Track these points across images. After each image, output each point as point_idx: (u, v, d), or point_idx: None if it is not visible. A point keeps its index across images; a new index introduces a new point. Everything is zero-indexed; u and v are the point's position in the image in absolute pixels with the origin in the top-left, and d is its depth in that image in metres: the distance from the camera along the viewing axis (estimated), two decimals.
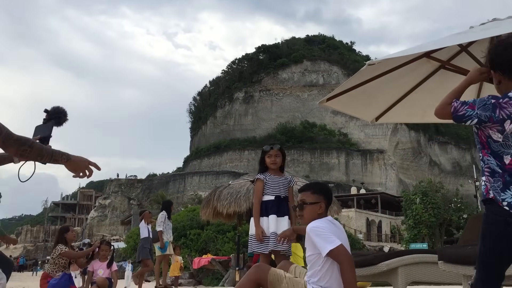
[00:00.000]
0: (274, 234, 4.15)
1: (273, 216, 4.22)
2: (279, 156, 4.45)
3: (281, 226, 4.17)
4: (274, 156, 4.43)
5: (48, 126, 2.45)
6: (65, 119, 2.51)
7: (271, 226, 4.19)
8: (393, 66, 4.21)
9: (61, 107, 2.52)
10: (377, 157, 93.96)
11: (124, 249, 28.95)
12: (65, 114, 2.50)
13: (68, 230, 7.01)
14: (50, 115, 2.48)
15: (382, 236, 49.44)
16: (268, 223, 4.22)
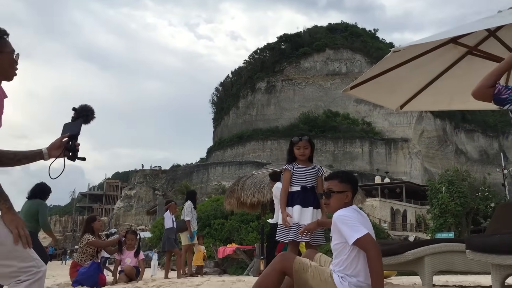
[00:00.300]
0: (296, 224, 4.19)
1: (297, 206, 4.25)
2: (308, 148, 4.44)
3: (304, 217, 4.21)
4: (303, 147, 4.42)
5: (76, 124, 2.48)
6: (92, 117, 2.53)
7: (295, 217, 4.23)
8: (418, 52, 4.14)
9: (89, 105, 2.54)
10: (401, 146, 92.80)
11: (149, 239, 29.39)
12: (92, 112, 2.52)
13: (95, 219, 7.16)
14: (78, 113, 2.50)
15: (407, 226, 48.94)
16: (292, 213, 4.24)
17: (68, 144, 2.43)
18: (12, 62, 2.31)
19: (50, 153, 2.44)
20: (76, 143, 2.45)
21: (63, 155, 2.44)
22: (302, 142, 4.42)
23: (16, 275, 2.09)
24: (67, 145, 2.43)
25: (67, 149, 2.43)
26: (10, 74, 2.32)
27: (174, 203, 9.66)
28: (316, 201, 4.27)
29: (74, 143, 2.43)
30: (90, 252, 6.81)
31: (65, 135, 2.45)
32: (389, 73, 4.26)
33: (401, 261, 4.06)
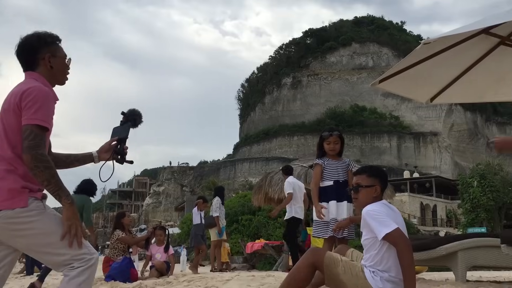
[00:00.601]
0: (334, 220, 4.17)
1: (333, 202, 4.23)
2: (338, 143, 4.42)
3: (340, 212, 4.19)
4: (333, 142, 4.39)
5: (125, 127, 2.55)
6: (140, 121, 2.60)
7: (332, 212, 4.20)
8: (449, 44, 4.06)
9: (137, 110, 2.61)
10: (430, 139, 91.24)
11: (178, 235, 29.70)
12: (140, 116, 2.60)
13: (124, 215, 7.30)
14: (127, 117, 2.57)
15: (438, 221, 48.12)
16: (328, 209, 4.22)
17: (117, 148, 2.52)
18: (64, 67, 2.41)
19: (100, 156, 2.57)
20: (124, 147, 2.54)
21: (112, 158, 2.53)
22: (332, 137, 4.39)
23: (69, 263, 2.18)
24: (116, 148, 2.52)
25: (116, 152, 2.52)
26: (63, 79, 2.43)
27: (201, 200, 9.75)
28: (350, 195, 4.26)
29: (123, 146, 2.52)
30: (121, 248, 6.95)
31: (114, 139, 2.54)
32: (418, 66, 4.19)
33: (434, 256, 4.01)
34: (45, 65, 2.34)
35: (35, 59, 2.33)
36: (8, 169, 2.17)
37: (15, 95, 2.20)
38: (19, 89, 2.22)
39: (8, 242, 2.19)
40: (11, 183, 2.15)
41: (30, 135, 2.10)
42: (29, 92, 2.17)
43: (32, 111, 2.13)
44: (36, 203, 2.18)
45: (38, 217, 2.15)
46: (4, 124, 2.22)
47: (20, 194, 2.15)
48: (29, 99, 2.14)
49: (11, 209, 2.11)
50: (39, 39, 2.34)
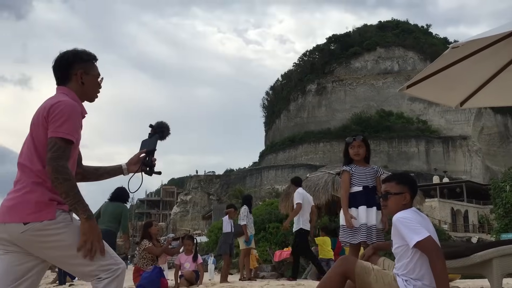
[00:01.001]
0: (364, 225, 4.14)
1: (362, 207, 4.20)
2: (362, 147, 4.40)
3: (370, 217, 4.16)
4: (357, 147, 4.39)
5: (153, 140, 2.62)
6: (168, 133, 2.66)
7: (361, 217, 4.17)
8: (478, 47, 3.99)
9: (165, 122, 2.67)
10: (460, 143, 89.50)
11: (206, 243, 29.81)
12: (168, 128, 2.65)
13: (151, 225, 7.34)
14: (155, 129, 2.63)
15: (469, 227, 47.02)
16: (358, 214, 4.19)
17: (145, 160, 2.58)
18: (96, 85, 2.49)
19: (129, 168, 2.63)
20: (152, 159, 2.60)
21: (140, 170, 2.60)
22: (356, 142, 4.39)
23: (96, 274, 2.22)
24: (145, 160, 2.58)
25: (145, 164, 2.58)
26: (92, 96, 2.51)
27: (233, 209, 9.79)
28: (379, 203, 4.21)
29: (151, 158, 2.58)
30: (150, 257, 7.00)
31: (143, 151, 2.60)
32: (447, 70, 4.13)
33: (467, 264, 3.90)
34: (76, 81, 2.41)
35: (68, 74, 2.41)
36: (37, 182, 2.21)
37: (43, 109, 2.26)
38: (48, 103, 2.29)
39: (37, 253, 2.23)
40: (39, 196, 2.19)
41: (54, 147, 2.16)
42: (56, 106, 2.23)
43: (58, 124, 2.18)
44: (64, 215, 2.22)
45: (65, 229, 2.19)
46: (33, 137, 2.28)
47: (48, 206, 2.19)
48: (56, 113, 2.20)
49: (39, 221, 2.15)
50: (74, 55, 2.42)
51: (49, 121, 2.20)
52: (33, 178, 2.22)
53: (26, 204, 2.17)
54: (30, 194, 2.19)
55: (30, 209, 2.16)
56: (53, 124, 2.19)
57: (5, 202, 2.24)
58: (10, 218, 2.17)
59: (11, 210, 2.18)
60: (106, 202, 7.67)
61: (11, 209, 2.19)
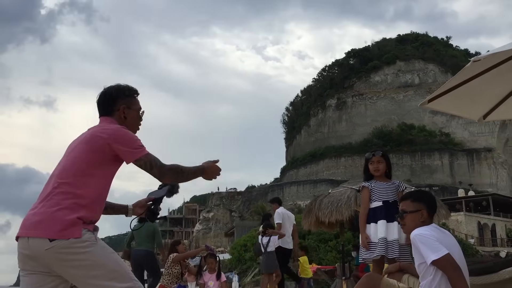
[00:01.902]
0: (383, 239, 4.04)
1: (382, 221, 4.11)
2: (382, 162, 4.34)
3: (391, 232, 4.05)
4: (376, 162, 4.33)
5: (162, 191, 2.74)
6: (177, 191, 2.76)
7: (380, 232, 4.07)
8: (499, 60, 3.96)
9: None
10: (485, 156, 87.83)
11: (229, 260, 29.75)
12: (178, 186, 2.76)
13: (179, 243, 7.44)
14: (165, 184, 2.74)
15: (497, 241, 45.87)
16: (377, 229, 4.11)
17: (151, 207, 2.72)
18: (138, 119, 2.63)
19: (134, 210, 2.76)
20: (158, 207, 2.73)
21: (145, 215, 2.72)
22: (375, 157, 4.34)
23: None
24: (151, 207, 2.72)
25: (149, 211, 2.72)
26: (135, 129, 2.63)
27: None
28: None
29: (157, 206, 2.72)
30: (176, 273, 7.03)
31: (151, 197, 2.74)
32: (469, 83, 4.09)
33: (496, 280, 3.81)
34: (119, 116, 2.54)
35: (112, 109, 2.55)
36: (66, 200, 2.26)
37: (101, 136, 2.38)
38: (100, 129, 2.45)
39: (59, 271, 2.25)
40: (68, 214, 2.22)
41: (148, 164, 2.36)
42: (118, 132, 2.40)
43: (130, 146, 2.36)
44: (89, 235, 2.26)
45: (90, 249, 2.22)
46: (83, 160, 2.37)
47: (74, 225, 2.21)
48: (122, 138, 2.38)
49: (66, 239, 2.17)
50: (118, 91, 2.57)
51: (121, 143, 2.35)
52: (62, 195, 2.26)
53: (54, 221, 2.19)
54: (59, 211, 2.21)
55: (57, 226, 2.17)
56: (126, 148, 2.35)
57: (31, 216, 2.25)
58: (35, 233, 2.18)
59: (38, 225, 2.19)
60: (137, 224, 7.73)
61: (37, 224, 2.19)
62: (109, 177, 2.43)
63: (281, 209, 8.46)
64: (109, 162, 2.39)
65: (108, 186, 2.44)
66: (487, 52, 3.61)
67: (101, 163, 2.37)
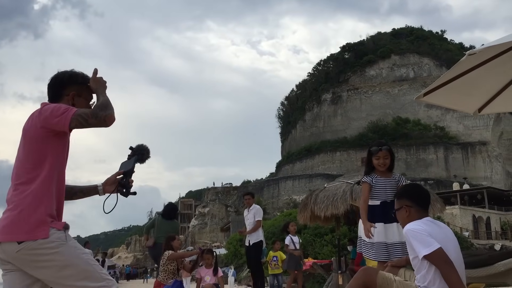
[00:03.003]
0: (383, 244, 3.92)
1: (380, 224, 3.95)
2: (388, 158, 4.12)
3: (390, 234, 3.94)
4: (383, 158, 4.10)
5: (131, 162, 2.62)
6: (148, 156, 2.66)
7: (380, 235, 3.94)
8: (494, 53, 3.96)
9: (145, 145, 2.68)
10: (479, 149, 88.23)
11: (225, 255, 29.78)
12: (148, 151, 2.66)
13: (174, 238, 7.39)
14: (134, 152, 2.64)
15: (492, 233, 46.16)
16: (375, 232, 3.94)
17: (122, 181, 2.57)
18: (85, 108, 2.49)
19: (105, 189, 2.62)
20: (129, 180, 2.57)
21: (116, 190, 2.57)
22: (382, 152, 4.09)
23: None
24: (121, 181, 2.57)
25: (121, 185, 2.56)
26: None
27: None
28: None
29: (128, 179, 2.56)
30: (172, 270, 7.02)
31: (120, 172, 2.60)
32: (464, 77, 4.09)
33: (491, 273, 3.84)
34: (68, 102, 2.43)
35: (61, 94, 2.44)
36: (24, 199, 2.22)
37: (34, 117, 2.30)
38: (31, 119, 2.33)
39: (31, 272, 2.22)
40: (30, 214, 2.19)
41: (81, 119, 2.23)
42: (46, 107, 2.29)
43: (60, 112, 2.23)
44: (58, 234, 2.21)
45: (58, 249, 2.18)
46: (26, 151, 2.30)
47: (41, 224, 2.18)
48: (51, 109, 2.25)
49: (33, 240, 2.15)
50: (70, 77, 2.47)
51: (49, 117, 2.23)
52: (25, 195, 2.22)
53: (19, 223, 2.17)
54: (22, 213, 2.19)
55: (24, 228, 2.16)
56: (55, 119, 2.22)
57: (0, 222, 2.24)
58: (4, 237, 2.17)
59: (5, 229, 2.18)
60: (160, 218, 8.50)
61: (5, 228, 2.19)
62: (58, 161, 2.33)
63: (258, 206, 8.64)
64: (50, 145, 2.29)
65: (62, 170, 2.36)
66: (482, 46, 3.61)
67: (43, 150, 2.28)
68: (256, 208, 8.38)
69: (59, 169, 2.33)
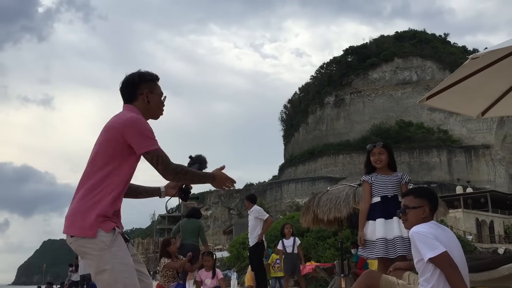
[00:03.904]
0: (382, 239, 3.95)
1: (380, 220, 4.01)
2: (384, 154, 4.22)
3: (389, 230, 3.97)
4: (378, 154, 4.21)
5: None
6: (205, 166, 2.79)
7: (379, 231, 3.98)
8: (498, 57, 3.95)
9: (203, 156, 2.84)
10: (483, 153, 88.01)
11: (228, 258, 29.75)
12: (206, 161, 2.81)
13: (170, 244, 7.27)
14: (194, 160, 2.80)
15: (495, 237, 45.98)
16: (375, 227, 4.01)
17: (182, 186, 2.76)
18: (159, 103, 2.64)
19: (167, 191, 2.82)
20: (189, 186, 2.77)
21: (177, 195, 2.77)
22: (376, 149, 4.23)
23: None
24: (182, 186, 2.76)
25: (181, 190, 2.76)
26: (157, 114, 2.66)
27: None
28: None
29: (188, 185, 2.75)
30: (171, 274, 6.98)
31: None
32: (467, 80, 4.09)
33: (495, 277, 3.82)
34: (143, 100, 2.56)
35: (134, 94, 2.57)
36: (88, 197, 2.33)
37: (114, 127, 2.40)
38: (115, 118, 2.46)
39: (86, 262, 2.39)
40: (87, 211, 2.30)
41: (156, 159, 2.36)
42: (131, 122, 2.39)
43: (141, 139, 2.35)
44: (104, 237, 2.29)
45: (99, 252, 2.27)
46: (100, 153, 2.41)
47: (93, 223, 2.28)
48: (133, 130, 2.36)
49: (81, 237, 2.28)
50: (140, 76, 2.60)
51: (134, 134, 2.35)
52: (88, 191, 2.34)
53: (75, 217, 2.31)
54: (81, 208, 2.31)
55: (78, 223, 2.29)
56: (138, 139, 2.35)
57: (67, 212, 2.40)
58: (64, 228, 2.36)
59: (65, 221, 2.36)
60: (185, 220, 8.76)
61: (66, 219, 2.36)
62: (128, 169, 2.44)
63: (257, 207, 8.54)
64: (125, 153, 2.40)
65: (128, 178, 2.48)
66: (485, 49, 3.61)
67: (117, 154, 2.39)
68: (255, 210, 8.33)
69: (125, 173, 2.44)
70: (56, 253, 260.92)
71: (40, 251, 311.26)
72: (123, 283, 2.26)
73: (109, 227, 2.32)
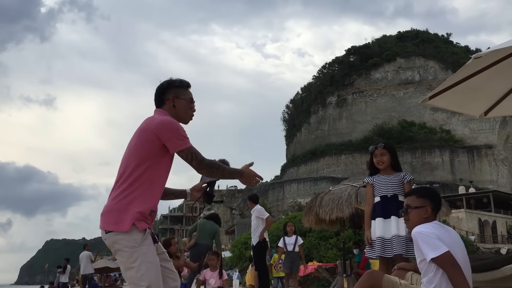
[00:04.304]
0: (380, 239, 4.00)
1: (379, 219, 4.06)
2: (385, 155, 4.26)
3: (387, 229, 4.01)
4: (379, 155, 4.26)
5: None
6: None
7: (378, 230, 4.04)
8: (501, 56, 3.94)
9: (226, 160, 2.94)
10: (485, 153, 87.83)
11: (230, 258, 29.77)
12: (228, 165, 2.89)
13: (170, 244, 7.25)
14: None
15: (498, 237, 45.89)
16: (375, 227, 4.06)
17: (207, 189, 2.93)
18: (187, 108, 2.77)
19: (192, 194, 2.98)
20: (213, 189, 2.94)
21: (202, 197, 2.93)
22: (378, 150, 4.28)
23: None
24: (206, 190, 2.93)
25: (206, 194, 2.92)
26: (185, 118, 2.78)
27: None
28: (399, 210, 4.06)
29: (212, 189, 2.91)
30: None
31: (206, 181, 2.93)
32: (470, 80, 4.08)
33: (498, 277, 3.81)
34: (169, 104, 2.72)
35: (162, 99, 2.74)
36: (125, 195, 2.46)
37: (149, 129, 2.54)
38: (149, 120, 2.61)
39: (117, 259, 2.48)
40: (123, 208, 2.43)
41: (190, 156, 2.52)
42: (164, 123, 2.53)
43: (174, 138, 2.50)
44: (136, 235, 2.42)
45: (130, 250, 2.39)
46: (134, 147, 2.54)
47: (127, 220, 2.41)
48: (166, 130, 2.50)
49: (115, 232, 2.41)
50: (168, 83, 2.77)
51: (169, 135, 2.49)
52: (123, 189, 2.47)
53: (111, 214, 2.45)
54: (117, 205, 2.45)
55: (112, 220, 2.43)
56: (171, 138, 2.49)
57: (103, 209, 2.53)
58: (100, 224, 2.49)
59: (102, 217, 2.49)
60: (203, 220, 8.87)
61: (102, 215, 2.50)
62: (163, 168, 2.57)
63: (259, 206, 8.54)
64: (159, 153, 2.53)
65: (164, 176, 2.60)
66: (487, 49, 3.60)
67: (152, 155, 2.52)
68: (256, 209, 8.36)
69: (159, 176, 2.57)
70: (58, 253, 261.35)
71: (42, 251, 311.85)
72: (148, 281, 2.36)
73: (143, 226, 2.44)
